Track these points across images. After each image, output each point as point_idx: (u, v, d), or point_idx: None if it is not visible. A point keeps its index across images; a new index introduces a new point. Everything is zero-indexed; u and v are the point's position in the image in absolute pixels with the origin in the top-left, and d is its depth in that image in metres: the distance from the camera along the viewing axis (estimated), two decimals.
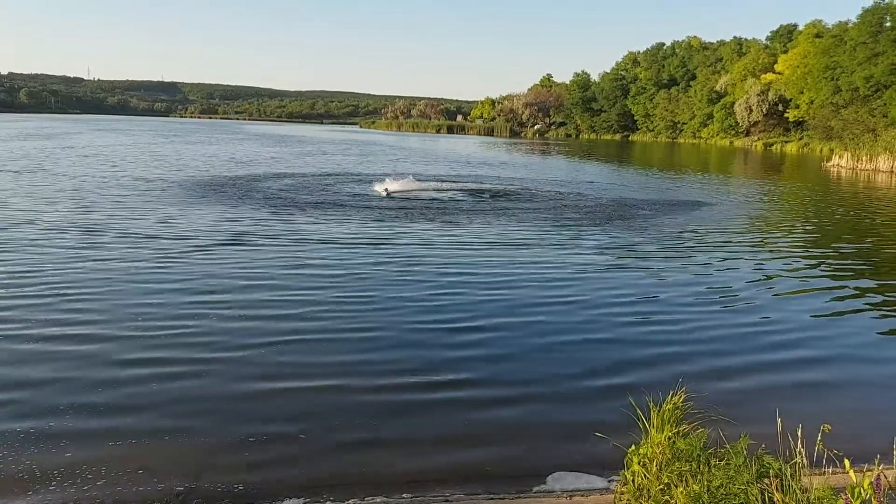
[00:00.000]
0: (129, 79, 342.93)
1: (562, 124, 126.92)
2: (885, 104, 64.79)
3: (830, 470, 3.94)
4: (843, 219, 20.76)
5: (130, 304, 8.74)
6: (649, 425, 4.34)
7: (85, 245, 12.31)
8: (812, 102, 76.93)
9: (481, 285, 10.41)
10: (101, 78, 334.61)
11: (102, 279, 9.97)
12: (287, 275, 10.53)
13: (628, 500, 4.18)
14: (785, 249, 14.89)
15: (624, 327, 8.67)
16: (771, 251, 14.58)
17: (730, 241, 15.55)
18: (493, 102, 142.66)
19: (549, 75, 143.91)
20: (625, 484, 4.28)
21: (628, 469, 4.27)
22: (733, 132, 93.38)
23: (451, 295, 9.80)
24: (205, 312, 8.50)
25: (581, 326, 8.65)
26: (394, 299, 9.44)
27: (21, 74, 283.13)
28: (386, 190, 21.79)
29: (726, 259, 13.31)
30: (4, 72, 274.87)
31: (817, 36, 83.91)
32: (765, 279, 11.71)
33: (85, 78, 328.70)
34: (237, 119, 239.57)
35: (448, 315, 8.85)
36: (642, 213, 19.66)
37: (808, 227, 18.71)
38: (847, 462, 3.30)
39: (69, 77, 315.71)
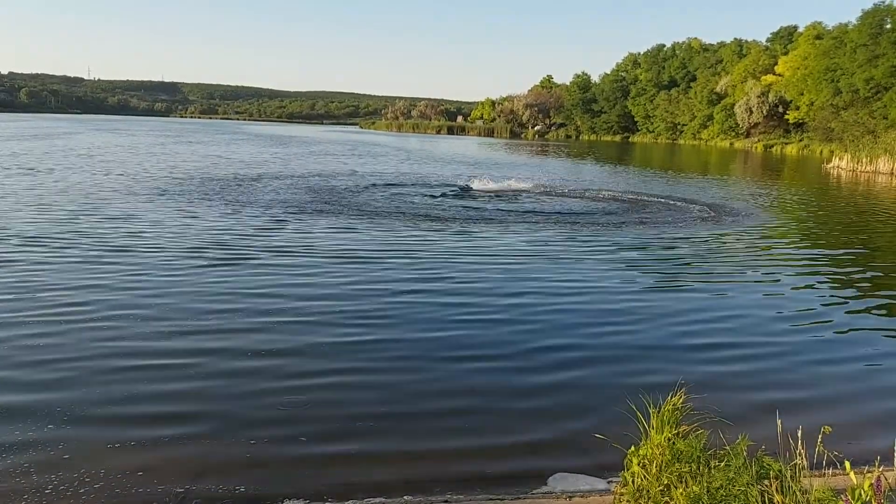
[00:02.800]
0: (130, 79, 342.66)
1: (562, 125, 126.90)
2: (885, 106, 64.81)
3: (831, 471, 3.94)
4: (847, 220, 20.77)
5: (130, 305, 8.76)
6: (649, 426, 4.34)
7: (81, 259, 12.27)
8: (812, 104, 76.95)
9: (499, 289, 10.41)
10: (102, 78, 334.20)
11: (102, 282, 9.98)
12: (297, 293, 9.62)
13: (628, 501, 4.18)
14: (784, 248, 14.91)
15: (618, 330, 8.67)
16: (773, 252, 14.59)
17: (742, 249, 15.55)
18: (493, 103, 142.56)
19: (550, 76, 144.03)
20: (624, 485, 4.28)
21: (628, 470, 4.26)
22: (733, 134, 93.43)
23: (466, 303, 9.79)
24: (208, 323, 8.51)
25: (578, 330, 8.66)
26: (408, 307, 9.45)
27: (21, 74, 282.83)
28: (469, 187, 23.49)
29: (722, 262, 13.32)
30: (4, 71, 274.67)
31: (817, 38, 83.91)
32: (775, 281, 11.71)
33: (85, 78, 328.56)
34: (237, 119, 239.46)
35: (459, 321, 8.86)
36: (666, 218, 19.27)
37: (813, 230, 18.71)
38: (847, 464, 3.30)
39: (69, 77, 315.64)
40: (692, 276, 11.76)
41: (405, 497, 4.66)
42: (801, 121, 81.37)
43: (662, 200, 23.71)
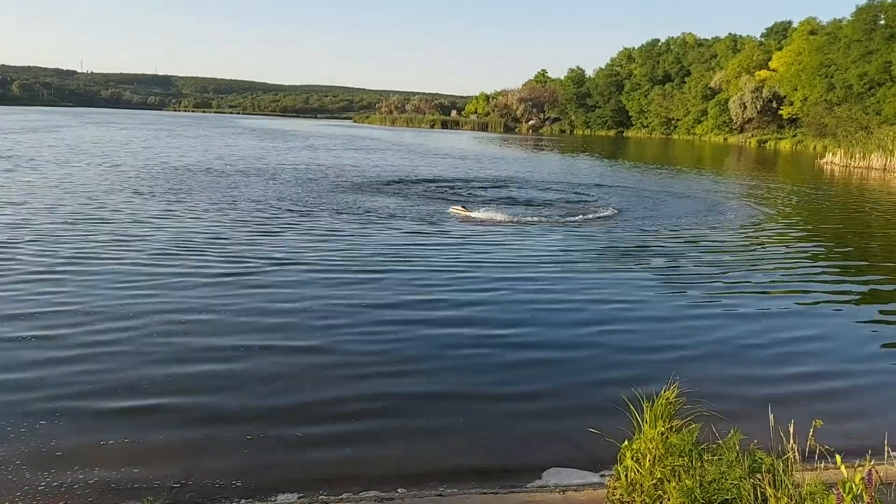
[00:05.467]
0: (123, 72, 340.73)
1: (556, 120, 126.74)
2: (878, 102, 64.98)
3: (822, 465, 3.97)
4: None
5: (130, 297, 8.75)
6: (642, 421, 4.36)
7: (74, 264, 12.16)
8: (806, 100, 77.06)
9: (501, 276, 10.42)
10: (95, 71, 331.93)
11: (103, 283, 9.96)
12: (305, 310, 8.78)
13: (621, 494, 4.20)
14: (782, 241, 14.96)
15: (617, 328, 8.70)
16: (764, 240, 14.64)
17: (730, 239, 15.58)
18: (487, 98, 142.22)
19: (544, 71, 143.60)
20: (617, 479, 4.30)
21: (621, 464, 4.29)
22: (727, 129, 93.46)
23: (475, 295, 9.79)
24: (208, 318, 8.51)
25: (581, 327, 8.69)
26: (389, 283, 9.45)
27: (13, 67, 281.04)
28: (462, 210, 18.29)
29: (720, 260, 13.37)
30: None
31: (812, 33, 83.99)
32: (770, 270, 11.76)
33: (78, 71, 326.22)
34: (231, 113, 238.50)
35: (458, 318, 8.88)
36: (679, 215, 19.16)
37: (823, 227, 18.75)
38: (838, 457, 3.32)
39: (62, 69, 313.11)
40: (696, 277, 11.81)
41: (399, 490, 4.68)
42: (794, 116, 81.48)
43: (669, 198, 23.70)
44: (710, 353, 7.76)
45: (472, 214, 17.18)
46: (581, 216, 17.76)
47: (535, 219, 17.09)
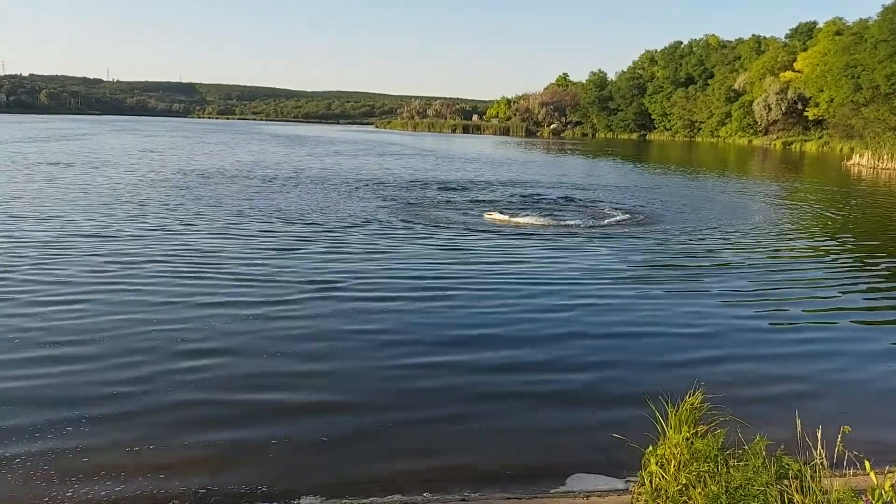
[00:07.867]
0: (148, 80, 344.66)
1: (578, 123, 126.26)
2: None
3: (851, 471, 3.91)
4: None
5: (144, 310, 8.86)
6: (667, 426, 4.33)
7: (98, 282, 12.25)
8: (832, 101, 76.03)
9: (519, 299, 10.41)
10: (120, 79, 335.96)
11: (107, 288, 10.07)
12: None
13: (646, 500, 4.17)
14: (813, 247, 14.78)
15: (638, 331, 8.65)
16: (794, 240, 14.47)
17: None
18: (508, 102, 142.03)
19: (566, 74, 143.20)
20: (642, 485, 4.27)
21: (645, 470, 4.25)
22: (752, 131, 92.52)
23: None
24: (225, 315, 8.58)
25: (598, 328, 8.66)
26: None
27: (41, 76, 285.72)
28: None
29: (732, 260, 13.24)
30: (25, 73, 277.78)
31: (837, 33, 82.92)
32: (799, 286, 11.63)
33: (104, 79, 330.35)
34: (254, 119, 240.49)
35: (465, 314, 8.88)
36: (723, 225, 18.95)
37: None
38: (868, 463, 3.27)
39: (88, 78, 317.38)
40: (730, 285, 11.71)
41: (424, 494, 4.68)
42: (820, 118, 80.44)
43: (704, 202, 23.38)
44: (737, 358, 7.68)
45: (510, 219, 17.09)
46: (617, 221, 17.72)
47: (573, 225, 16.94)
